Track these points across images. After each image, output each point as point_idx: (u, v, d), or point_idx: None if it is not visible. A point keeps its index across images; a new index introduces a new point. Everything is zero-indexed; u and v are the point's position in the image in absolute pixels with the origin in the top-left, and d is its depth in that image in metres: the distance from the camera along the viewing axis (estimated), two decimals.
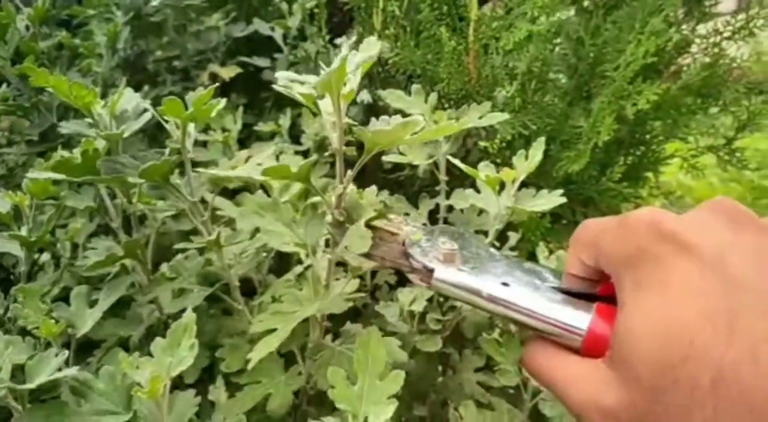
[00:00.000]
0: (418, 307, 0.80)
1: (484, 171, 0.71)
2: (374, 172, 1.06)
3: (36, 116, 1.07)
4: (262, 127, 1.08)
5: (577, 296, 0.43)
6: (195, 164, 1.00)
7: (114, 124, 0.58)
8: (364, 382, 0.52)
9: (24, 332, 0.63)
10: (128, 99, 0.60)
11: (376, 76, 1.00)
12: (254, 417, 0.57)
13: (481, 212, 0.85)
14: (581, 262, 0.42)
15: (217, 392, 0.59)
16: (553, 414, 0.74)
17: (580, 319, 0.40)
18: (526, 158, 0.75)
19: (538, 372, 0.42)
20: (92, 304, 0.65)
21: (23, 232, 0.71)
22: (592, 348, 0.39)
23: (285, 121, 1.07)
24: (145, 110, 0.59)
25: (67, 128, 0.60)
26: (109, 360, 0.62)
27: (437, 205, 0.93)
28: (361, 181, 0.68)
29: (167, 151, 0.54)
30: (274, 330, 0.53)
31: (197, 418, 0.56)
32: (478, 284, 0.44)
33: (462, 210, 0.89)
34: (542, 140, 0.74)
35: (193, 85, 1.15)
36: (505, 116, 0.80)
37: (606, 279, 0.40)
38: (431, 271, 0.46)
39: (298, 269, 0.66)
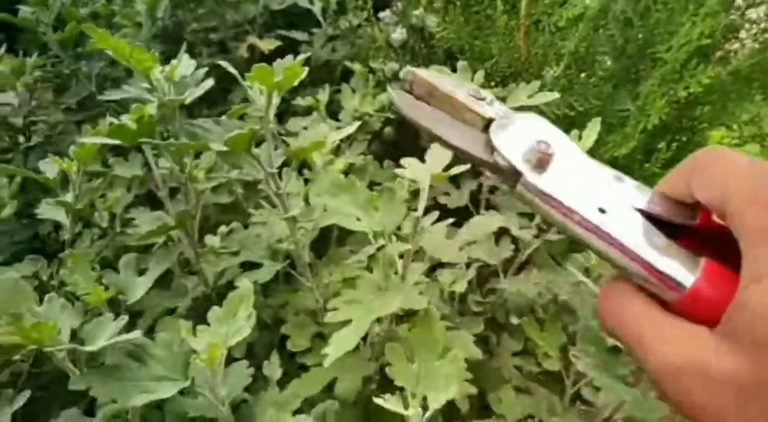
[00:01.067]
0: (460, 288, 0.79)
1: None
2: (410, 148, 1.05)
3: (74, 84, 1.07)
4: (300, 102, 1.06)
5: (671, 226, 0.37)
6: None
7: (172, 90, 0.57)
8: (422, 362, 0.52)
9: (68, 298, 0.62)
10: (187, 66, 0.58)
11: (419, 51, 0.99)
12: (318, 396, 0.56)
13: None
14: (687, 191, 0.36)
15: (272, 367, 0.59)
16: (596, 399, 0.73)
17: (684, 273, 0.35)
18: (579, 137, 0.73)
19: (619, 321, 0.36)
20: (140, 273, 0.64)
21: (69, 199, 0.70)
22: (689, 307, 0.34)
23: (323, 96, 1.06)
24: (206, 78, 0.58)
25: (127, 91, 0.60)
26: (158, 329, 0.61)
27: (480, 185, 0.92)
28: (396, 157, 0.67)
29: (224, 117, 0.53)
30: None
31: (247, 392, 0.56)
32: (570, 201, 0.37)
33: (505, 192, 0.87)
34: (598, 120, 0.72)
35: (231, 57, 1.13)
36: (555, 95, 0.78)
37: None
38: (518, 173, 0.38)
39: (369, 249, 0.65)
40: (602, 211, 0.36)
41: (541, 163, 0.38)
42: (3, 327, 0.47)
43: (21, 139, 1.09)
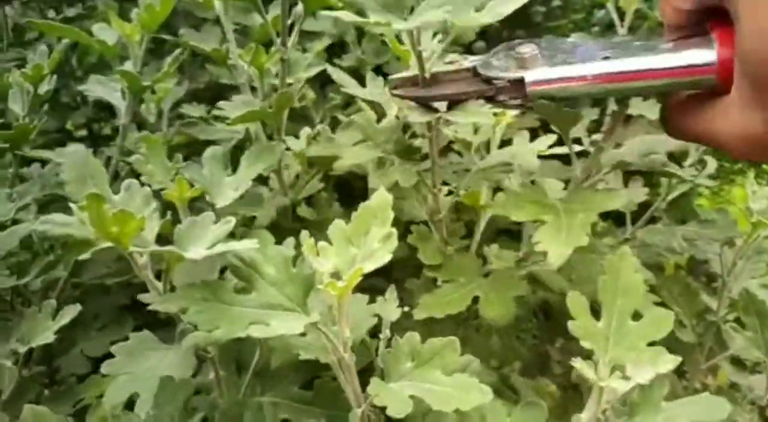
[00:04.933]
0: None
1: None
2: None
3: None
4: None
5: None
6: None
7: None
8: (612, 319, 0.40)
9: None
10: None
11: None
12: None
13: None
14: (676, 10, 0.36)
15: (388, 305, 0.45)
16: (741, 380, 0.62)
17: (703, 55, 0.35)
18: None
19: (685, 132, 0.38)
20: None
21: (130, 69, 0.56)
22: (729, 78, 0.34)
23: None
24: None
25: None
26: None
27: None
28: None
29: None
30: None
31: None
32: (578, 70, 0.38)
33: None
34: None
35: None
36: None
37: (710, 16, 0.35)
38: (521, 81, 0.40)
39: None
40: (606, 58, 0.38)
41: (531, 62, 0.40)
42: (76, 216, 0.34)
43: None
